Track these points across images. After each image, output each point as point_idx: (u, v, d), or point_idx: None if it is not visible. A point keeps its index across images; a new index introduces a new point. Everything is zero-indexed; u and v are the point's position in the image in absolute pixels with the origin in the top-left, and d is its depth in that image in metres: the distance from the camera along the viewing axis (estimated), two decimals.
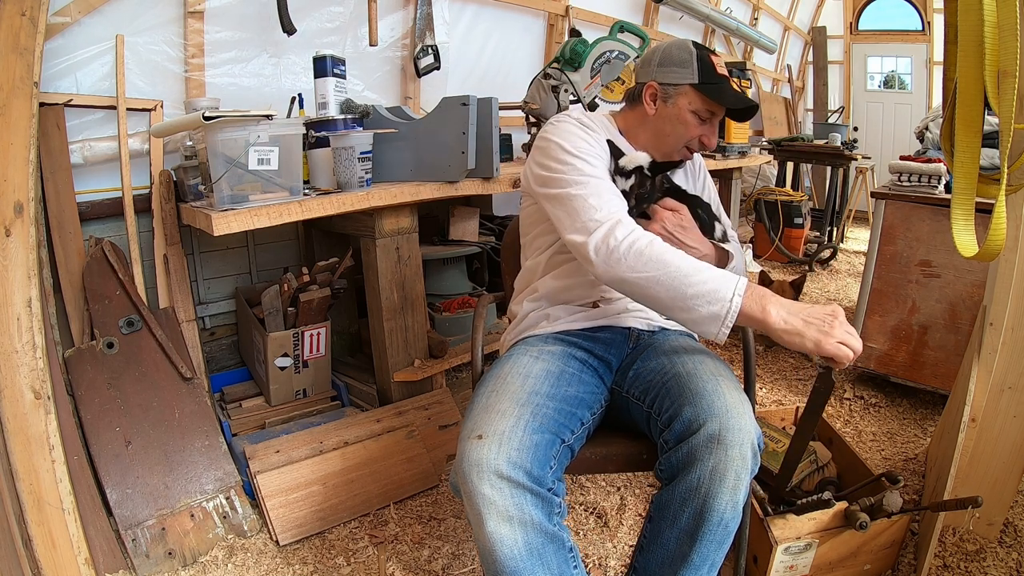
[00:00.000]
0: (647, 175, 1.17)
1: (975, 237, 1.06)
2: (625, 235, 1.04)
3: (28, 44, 1.40)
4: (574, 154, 1.16)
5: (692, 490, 0.94)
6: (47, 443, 1.31)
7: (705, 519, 0.94)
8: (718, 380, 1.01)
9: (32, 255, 1.35)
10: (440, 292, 2.35)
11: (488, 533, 0.90)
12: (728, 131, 3.10)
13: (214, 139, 1.46)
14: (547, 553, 0.91)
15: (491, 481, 0.90)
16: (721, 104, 1.23)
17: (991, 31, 0.94)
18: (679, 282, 0.99)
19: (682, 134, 1.26)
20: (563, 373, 1.12)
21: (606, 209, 1.08)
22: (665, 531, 0.98)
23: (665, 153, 1.29)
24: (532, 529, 0.91)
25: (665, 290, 1.00)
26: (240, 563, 1.47)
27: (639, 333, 1.25)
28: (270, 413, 1.91)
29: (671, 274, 1.00)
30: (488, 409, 1.01)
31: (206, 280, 2.10)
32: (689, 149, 1.29)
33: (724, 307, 0.97)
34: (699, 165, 1.44)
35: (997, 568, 1.36)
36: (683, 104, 1.24)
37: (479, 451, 0.92)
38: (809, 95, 6.13)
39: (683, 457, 0.95)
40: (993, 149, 1.30)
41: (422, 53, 2.41)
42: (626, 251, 1.03)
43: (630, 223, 1.06)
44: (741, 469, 0.93)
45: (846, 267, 4.10)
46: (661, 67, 1.25)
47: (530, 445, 0.94)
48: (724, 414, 0.94)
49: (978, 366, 1.40)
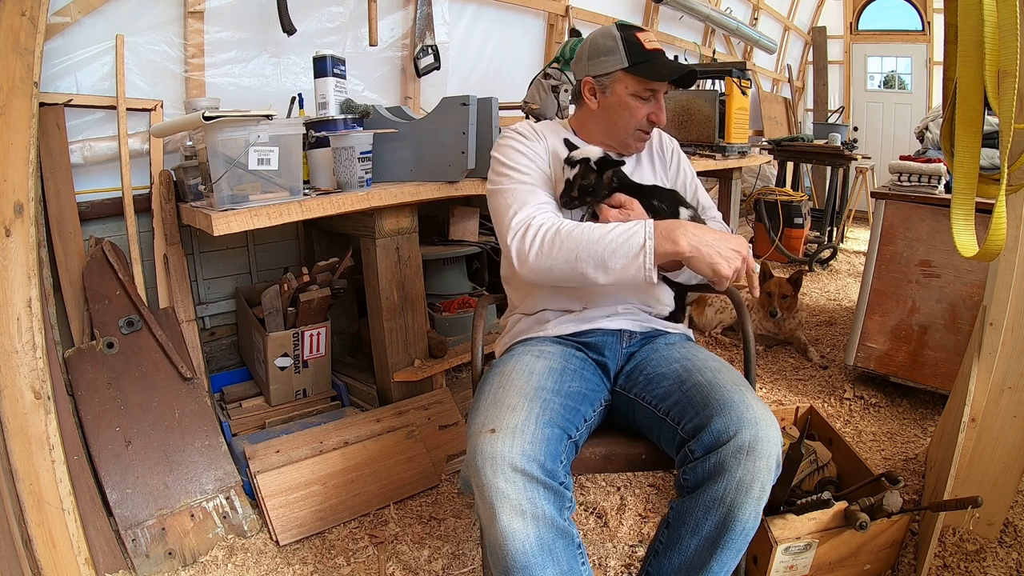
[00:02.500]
0: (592, 168, 1.18)
1: (975, 237, 1.06)
2: (535, 232, 1.12)
3: (28, 44, 1.40)
4: (508, 166, 1.24)
5: (717, 499, 0.94)
6: (47, 443, 1.31)
7: (729, 528, 0.94)
8: (743, 391, 1.01)
9: (32, 255, 1.35)
10: (440, 292, 2.35)
11: (501, 528, 0.89)
12: (728, 131, 3.10)
13: (214, 139, 1.46)
14: (557, 548, 0.92)
15: (505, 475, 0.90)
16: (654, 79, 1.24)
17: (991, 31, 0.94)
18: (593, 250, 1.07)
19: (629, 119, 1.27)
20: (565, 370, 1.13)
21: (523, 214, 1.15)
22: (686, 538, 0.98)
23: (621, 142, 1.31)
24: (544, 524, 0.91)
25: (585, 263, 1.07)
26: (240, 563, 1.47)
27: (631, 333, 1.25)
28: (270, 413, 1.91)
29: (584, 246, 1.07)
30: (498, 404, 1.01)
31: (206, 280, 2.10)
32: (643, 131, 1.29)
33: (641, 253, 1.04)
34: (672, 151, 1.42)
35: (997, 568, 1.36)
36: (620, 91, 1.26)
37: (492, 445, 0.93)
38: (809, 95, 6.13)
39: (711, 467, 0.95)
40: (993, 149, 1.30)
41: (422, 53, 2.41)
42: (539, 245, 1.11)
43: (540, 220, 1.13)
44: (767, 480, 0.94)
45: (846, 267, 4.10)
46: (591, 60, 1.28)
47: (542, 439, 0.95)
48: (755, 425, 0.94)
49: (978, 366, 1.40)
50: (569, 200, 1.20)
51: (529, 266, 1.13)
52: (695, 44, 4.28)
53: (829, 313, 3.17)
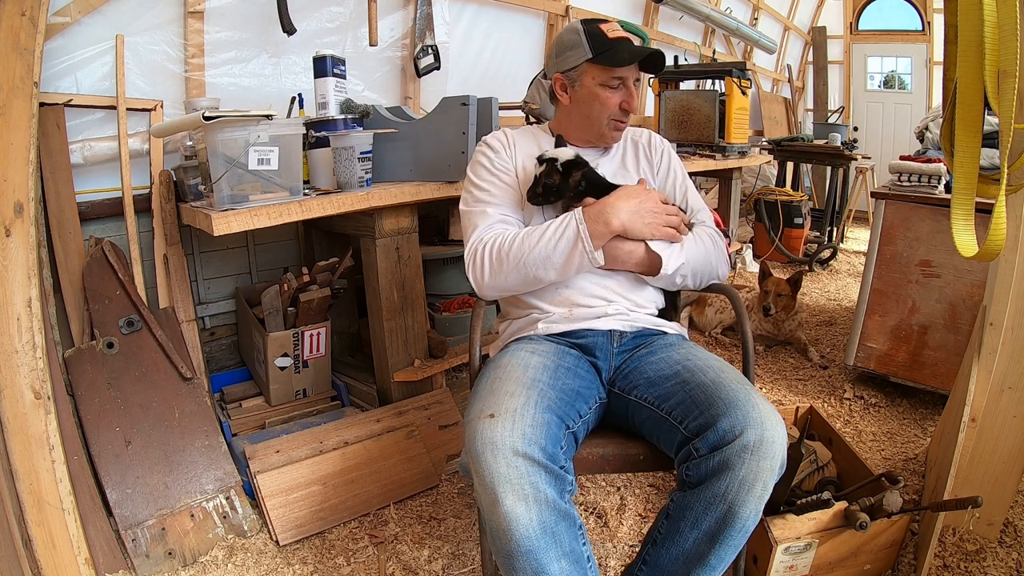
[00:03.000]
0: (556, 168, 1.22)
1: (975, 237, 1.06)
2: (482, 254, 1.21)
3: (28, 44, 1.40)
4: (473, 183, 1.32)
5: (719, 496, 0.95)
6: (47, 443, 1.31)
7: (729, 524, 0.95)
8: (748, 390, 1.02)
9: (32, 255, 1.35)
10: (440, 292, 2.35)
11: (504, 512, 0.90)
12: (728, 131, 3.10)
13: (214, 139, 1.46)
14: (559, 531, 0.93)
15: (507, 459, 0.91)
16: (618, 65, 1.25)
17: (991, 31, 0.94)
18: (537, 253, 1.16)
19: (600, 110, 1.29)
20: (559, 367, 1.14)
21: (472, 240, 1.25)
22: (685, 531, 0.98)
23: (597, 134, 1.33)
24: (546, 507, 0.92)
25: (532, 267, 1.17)
26: (240, 563, 1.47)
27: (621, 334, 1.25)
28: (270, 413, 1.91)
29: (527, 252, 1.16)
30: (495, 392, 1.02)
31: (206, 280, 2.10)
32: (617, 120, 1.31)
33: (578, 240, 1.15)
34: (661, 152, 1.42)
35: (997, 568, 1.36)
36: (588, 82, 1.28)
37: (493, 429, 0.93)
38: (809, 95, 6.13)
39: (716, 465, 0.95)
40: (993, 149, 1.30)
41: (422, 53, 2.41)
42: (489, 266, 1.20)
43: (485, 240, 1.22)
44: (770, 478, 0.95)
45: (846, 267, 4.10)
46: (558, 57, 1.31)
47: (542, 423, 0.96)
48: (761, 424, 0.95)
49: (978, 366, 1.40)
50: (534, 196, 1.25)
51: (487, 287, 1.22)
52: (695, 44, 4.28)
53: (829, 313, 3.17)
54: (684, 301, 2.95)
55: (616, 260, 1.22)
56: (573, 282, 1.26)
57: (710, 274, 1.33)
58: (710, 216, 1.41)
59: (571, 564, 0.93)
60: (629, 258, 1.22)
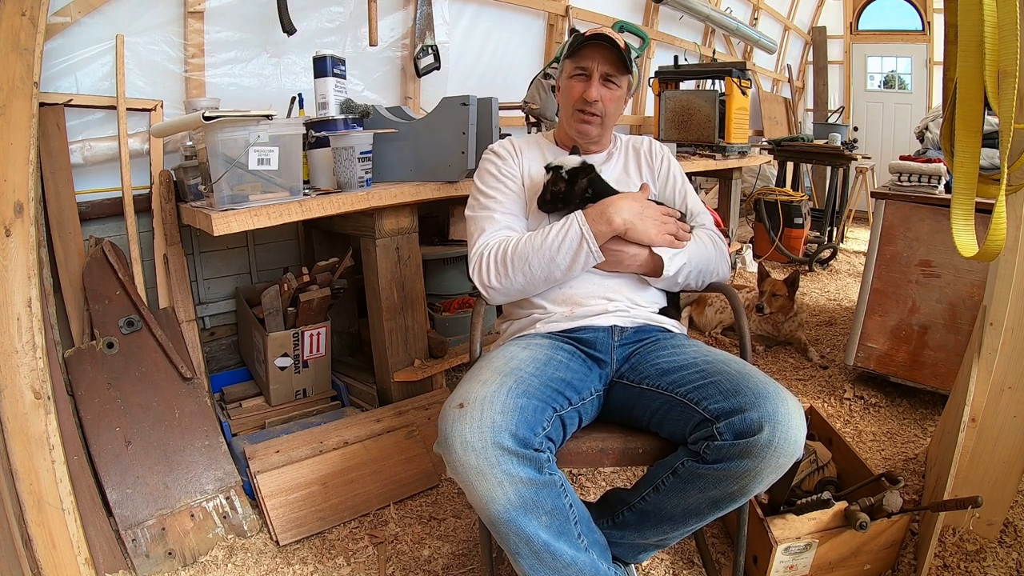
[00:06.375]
0: (562, 176, 1.25)
1: (975, 237, 1.06)
2: (487, 259, 1.22)
3: (28, 44, 1.40)
4: (479, 189, 1.35)
5: (733, 477, 0.98)
6: (47, 443, 1.31)
7: (735, 500, 1.02)
8: (777, 386, 1.03)
9: (32, 255, 1.35)
10: (440, 292, 2.35)
11: (480, 496, 0.94)
12: (728, 131, 3.10)
13: (214, 139, 1.46)
14: (540, 497, 0.96)
15: (475, 451, 0.93)
16: (578, 53, 1.31)
17: (991, 31, 0.94)
18: (542, 254, 1.18)
19: (566, 101, 1.36)
20: (550, 360, 1.14)
21: (476, 245, 1.26)
22: (692, 493, 1.04)
23: (573, 130, 1.37)
24: (523, 485, 0.94)
25: (539, 268, 1.19)
26: (240, 563, 1.47)
27: (622, 329, 1.26)
28: (270, 413, 1.91)
29: (532, 254, 1.19)
30: (470, 380, 1.04)
31: (206, 280, 2.10)
32: (580, 112, 1.33)
33: (582, 240, 1.17)
34: (662, 158, 1.45)
35: (997, 568, 1.36)
36: (564, 78, 1.36)
37: (461, 421, 0.95)
38: (809, 95, 6.13)
39: (738, 452, 0.98)
40: (993, 149, 1.30)
41: (422, 53, 2.41)
42: (495, 270, 1.22)
43: (490, 245, 1.24)
44: (783, 471, 0.99)
45: (846, 267, 4.10)
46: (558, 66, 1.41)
47: (514, 408, 0.97)
48: (788, 423, 0.97)
49: (978, 366, 1.40)
50: (543, 203, 1.28)
51: (494, 291, 1.24)
52: (695, 44, 4.28)
53: (829, 313, 3.17)
54: (684, 301, 2.95)
55: (620, 263, 1.25)
56: (575, 283, 1.27)
57: (711, 275, 1.35)
58: (710, 219, 1.43)
59: (551, 519, 0.97)
60: (633, 261, 1.25)
